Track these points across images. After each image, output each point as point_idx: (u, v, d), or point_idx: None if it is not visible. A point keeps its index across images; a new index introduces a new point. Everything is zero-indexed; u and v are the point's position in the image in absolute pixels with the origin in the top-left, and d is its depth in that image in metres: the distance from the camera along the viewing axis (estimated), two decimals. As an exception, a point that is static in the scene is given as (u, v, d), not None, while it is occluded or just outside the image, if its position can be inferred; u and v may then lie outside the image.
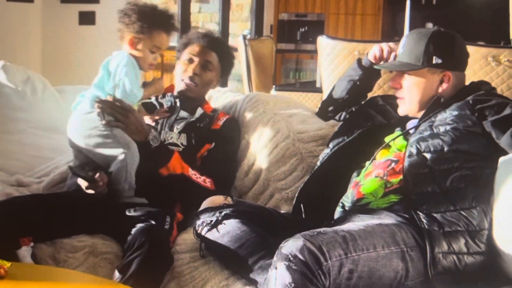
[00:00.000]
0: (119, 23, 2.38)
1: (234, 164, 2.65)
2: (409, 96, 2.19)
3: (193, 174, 2.41)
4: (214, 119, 2.64)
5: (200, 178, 2.42)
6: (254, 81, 5.08)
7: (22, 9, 3.89)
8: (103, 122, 2.29)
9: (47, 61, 4.08)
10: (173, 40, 2.59)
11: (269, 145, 2.61)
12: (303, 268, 1.70)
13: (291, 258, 1.71)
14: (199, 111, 2.60)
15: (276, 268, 1.73)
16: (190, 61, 2.61)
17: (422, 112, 2.16)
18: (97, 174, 2.24)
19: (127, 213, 2.24)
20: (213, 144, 2.55)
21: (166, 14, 2.44)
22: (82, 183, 2.26)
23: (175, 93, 2.63)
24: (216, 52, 2.65)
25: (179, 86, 2.61)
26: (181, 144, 2.51)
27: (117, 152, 2.28)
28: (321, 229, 1.82)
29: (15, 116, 2.73)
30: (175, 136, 2.52)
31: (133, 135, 2.34)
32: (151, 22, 2.37)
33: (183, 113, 2.59)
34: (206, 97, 2.90)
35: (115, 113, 2.30)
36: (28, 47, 3.99)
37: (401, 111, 2.25)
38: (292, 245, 1.73)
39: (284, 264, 1.71)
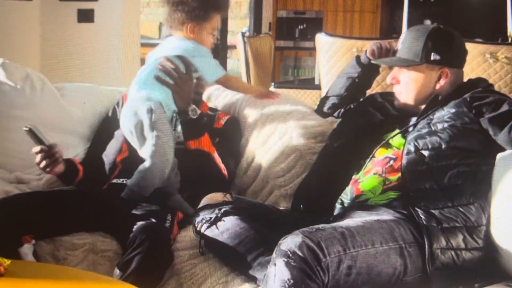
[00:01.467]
0: (175, 12, 2.34)
1: (234, 161, 2.66)
2: (407, 91, 2.21)
3: (217, 157, 2.43)
4: (215, 118, 2.66)
5: (221, 164, 2.44)
6: (253, 79, 5.09)
7: (20, 7, 3.88)
8: (155, 75, 2.30)
9: (45, 59, 4.07)
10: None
11: (268, 142, 2.62)
12: (302, 265, 1.71)
13: (290, 255, 1.71)
14: (197, 111, 2.61)
15: (275, 264, 1.74)
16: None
17: (419, 107, 2.18)
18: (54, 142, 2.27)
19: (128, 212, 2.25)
20: (217, 139, 2.56)
21: None
22: (36, 150, 2.28)
23: None
24: None
25: None
26: None
27: (147, 163, 2.28)
28: (320, 226, 1.83)
29: (14, 113, 2.73)
30: (181, 136, 2.53)
31: (178, 100, 2.33)
32: (209, 6, 2.36)
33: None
34: (206, 95, 2.91)
35: (172, 73, 2.31)
36: (27, 45, 3.98)
37: (398, 103, 2.26)
38: (291, 242, 1.74)
39: (283, 260, 1.72)
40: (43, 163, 2.32)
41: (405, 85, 2.21)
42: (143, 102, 2.30)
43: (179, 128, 2.44)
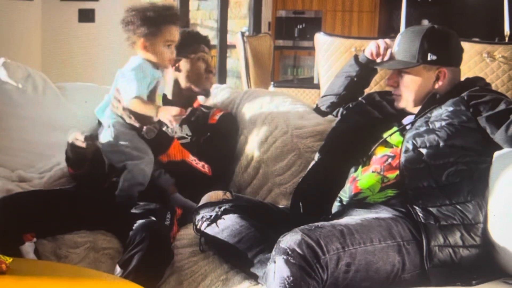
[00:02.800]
0: (126, 32, 2.40)
1: (231, 157, 2.67)
2: (406, 93, 2.21)
3: (192, 160, 2.45)
4: (210, 115, 2.68)
5: (199, 164, 2.46)
6: (252, 78, 5.10)
7: (22, 6, 3.90)
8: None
9: (46, 59, 4.08)
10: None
11: (268, 141, 2.63)
12: (301, 262, 1.72)
13: (290, 252, 1.72)
14: (189, 109, 2.64)
15: (274, 262, 1.75)
16: (205, 61, 2.67)
17: (418, 108, 2.18)
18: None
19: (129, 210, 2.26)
20: (208, 134, 2.58)
21: (167, 7, 2.47)
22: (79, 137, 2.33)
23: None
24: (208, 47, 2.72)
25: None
26: (187, 135, 2.56)
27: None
28: (319, 223, 1.84)
29: (16, 112, 2.74)
30: (178, 130, 2.56)
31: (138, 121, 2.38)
32: (157, 20, 2.38)
33: None
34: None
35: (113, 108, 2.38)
36: (28, 45, 3.99)
37: (397, 106, 2.27)
38: (290, 239, 1.75)
39: (283, 258, 1.73)
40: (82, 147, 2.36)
41: (404, 87, 2.21)
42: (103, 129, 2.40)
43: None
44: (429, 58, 2.14)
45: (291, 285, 1.70)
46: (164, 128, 2.45)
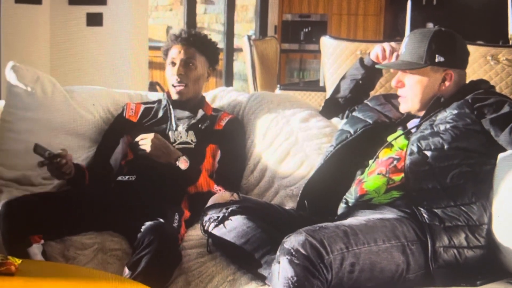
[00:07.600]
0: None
1: (240, 162, 2.68)
2: (412, 94, 2.21)
3: (218, 190, 2.46)
4: (217, 119, 2.67)
5: (221, 191, 2.46)
6: (259, 81, 5.11)
7: (30, 10, 3.92)
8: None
9: (55, 62, 4.10)
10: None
11: (274, 144, 2.64)
12: (305, 262, 1.73)
13: (293, 253, 1.74)
14: (200, 113, 2.64)
15: (279, 262, 1.76)
16: (173, 64, 2.63)
17: (423, 111, 2.19)
18: (60, 151, 2.30)
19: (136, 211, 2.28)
20: (219, 151, 2.58)
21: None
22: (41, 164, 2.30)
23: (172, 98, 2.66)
24: (194, 47, 2.65)
25: (172, 92, 2.64)
26: (191, 141, 2.56)
27: None
28: (323, 224, 1.85)
29: (24, 115, 2.74)
30: (183, 135, 2.57)
31: (162, 159, 2.40)
32: None
33: (184, 113, 2.63)
34: (211, 96, 2.94)
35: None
36: (37, 48, 4.01)
37: (403, 109, 2.28)
38: (294, 240, 1.76)
39: (287, 258, 1.74)
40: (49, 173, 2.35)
41: (410, 88, 2.21)
42: None
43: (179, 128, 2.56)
44: (436, 60, 2.15)
45: (295, 285, 1.72)
46: (184, 158, 2.43)
